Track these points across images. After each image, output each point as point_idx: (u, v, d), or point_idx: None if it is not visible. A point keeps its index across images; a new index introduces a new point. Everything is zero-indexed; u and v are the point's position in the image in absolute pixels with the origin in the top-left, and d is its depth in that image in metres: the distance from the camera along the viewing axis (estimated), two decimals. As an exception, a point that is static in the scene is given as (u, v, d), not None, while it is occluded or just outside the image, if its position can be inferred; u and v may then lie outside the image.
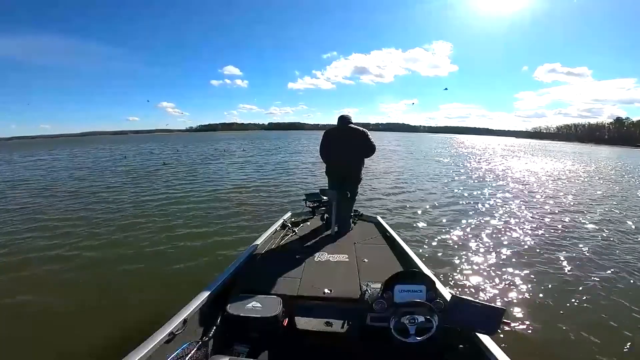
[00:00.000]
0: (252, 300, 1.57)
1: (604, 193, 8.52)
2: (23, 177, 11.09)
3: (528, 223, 5.31)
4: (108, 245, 4.24)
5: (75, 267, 3.57)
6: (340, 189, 2.81)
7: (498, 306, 1.33)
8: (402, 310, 1.38)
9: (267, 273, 1.97)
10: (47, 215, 5.73)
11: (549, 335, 2.37)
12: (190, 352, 1.26)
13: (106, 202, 6.71)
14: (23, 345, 2.31)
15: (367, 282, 1.75)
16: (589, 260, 3.79)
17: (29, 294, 3.00)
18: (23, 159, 20.28)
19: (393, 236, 2.61)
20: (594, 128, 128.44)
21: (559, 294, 2.97)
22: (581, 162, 19.78)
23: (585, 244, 4.33)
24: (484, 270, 3.43)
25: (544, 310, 2.70)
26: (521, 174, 12.26)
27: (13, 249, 4.12)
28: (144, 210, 6.03)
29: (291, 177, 10.46)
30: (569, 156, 25.12)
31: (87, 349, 2.21)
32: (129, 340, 1.28)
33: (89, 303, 2.83)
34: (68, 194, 7.68)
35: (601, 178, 11.97)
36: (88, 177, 10.79)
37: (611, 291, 3.05)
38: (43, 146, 42.92)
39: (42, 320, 2.58)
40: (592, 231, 4.99)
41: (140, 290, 3.04)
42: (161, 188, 8.40)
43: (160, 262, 3.67)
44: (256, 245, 2.40)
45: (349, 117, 2.86)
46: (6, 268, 3.56)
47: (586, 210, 6.45)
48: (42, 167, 14.78)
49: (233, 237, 4.48)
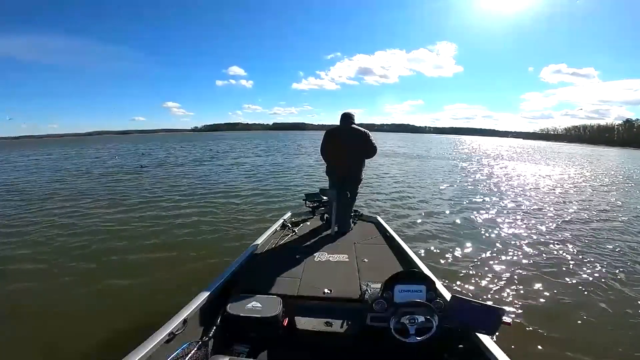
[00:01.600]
0: (252, 300, 1.57)
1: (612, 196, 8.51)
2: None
3: (528, 224, 5.32)
4: (108, 245, 4.24)
5: (75, 267, 3.57)
6: (340, 189, 2.81)
7: (498, 306, 1.33)
8: (402, 310, 1.38)
9: (267, 273, 1.97)
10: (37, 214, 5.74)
11: (549, 335, 2.37)
12: (190, 352, 1.26)
13: (112, 197, 6.73)
14: (23, 346, 2.31)
15: (367, 282, 1.75)
16: (590, 260, 3.79)
17: (28, 293, 3.00)
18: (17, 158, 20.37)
19: (393, 236, 2.61)
20: (604, 129, 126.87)
21: (559, 294, 2.97)
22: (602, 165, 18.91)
23: (586, 244, 4.33)
24: (484, 270, 3.43)
25: (544, 310, 2.70)
26: (534, 178, 11.63)
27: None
28: (143, 210, 6.03)
29: (292, 177, 10.46)
30: (586, 158, 23.71)
31: (87, 349, 2.20)
32: (129, 340, 1.28)
33: (88, 303, 2.83)
34: (65, 197, 7.69)
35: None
36: (96, 176, 10.81)
37: (611, 291, 3.05)
38: (50, 145, 43.00)
39: (42, 320, 2.58)
40: (595, 230, 5.00)
41: (140, 290, 3.04)
42: (155, 189, 8.39)
43: (160, 262, 3.67)
44: (256, 245, 2.40)
45: (352, 116, 2.84)
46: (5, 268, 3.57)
47: (593, 214, 6.46)
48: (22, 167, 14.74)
49: (233, 237, 4.48)
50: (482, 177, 11.43)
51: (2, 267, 3.59)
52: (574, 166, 17.32)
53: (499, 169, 14.33)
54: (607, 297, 2.94)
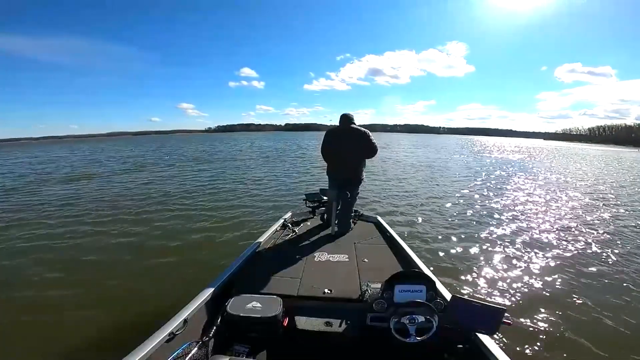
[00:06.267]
0: (252, 300, 1.57)
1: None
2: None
3: (529, 225, 5.32)
4: (108, 244, 4.25)
5: (75, 267, 3.57)
6: (340, 189, 2.81)
7: (498, 306, 1.33)
8: (402, 310, 1.38)
9: (267, 273, 1.97)
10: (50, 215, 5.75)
11: (549, 335, 2.37)
12: (190, 352, 1.26)
13: (113, 197, 6.73)
14: (23, 345, 2.31)
15: (367, 282, 1.75)
16: (590, 260, 3.79)
17: (28, 293, 3.00)
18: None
19: (393, 236, 2.61)
20: (630, 129, 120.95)
21: (559, 294, 2.97)
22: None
23: (587, 244, 4.33)
24: (484, 270, 3.43)
25: (545, 310, 2.70)
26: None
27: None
28: (141, 210, 6.03)
29: (292, 176, 10.46)
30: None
31: (87, 349, 2.21)
32: (129, 340, 1.28)
33: (88, 304, 2.83)
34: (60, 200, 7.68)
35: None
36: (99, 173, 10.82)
37: (611, 290, 3.05)
38: (62, 145, 43.00)
39: (41, 320, 2.58)
40: (602, 227, 5.00)
41: (140, 290, 3.04)
42: (162, 184, 8.41)
43: (160, 262, 3.67)
44: (256, 245, 2.40)
45: (351, 117, 2.86)
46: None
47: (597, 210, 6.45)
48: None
49: (233, 237, 4.48)
50: (497, 180, 10.97)
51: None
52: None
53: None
54: (609, 297, 2.93)
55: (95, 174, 11.62)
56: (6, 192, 8.31)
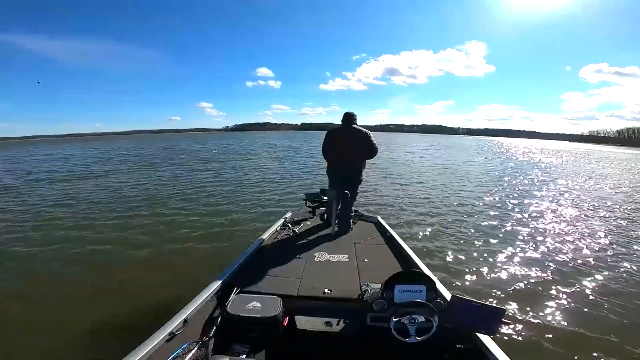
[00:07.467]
0: (252, 300, 1.57)
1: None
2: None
3: (529, 225, 5.31)
4: (108, 244, 4.24)
5: (75, 267, 3.57)
6: (340, 189, 2.81)
7: (498, 306, 1.33)
8: (402, 310, 1.38)
9: (267, 273, 1.97)
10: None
11: (549, 336, 2.37)
12: (190, 352, 1.26)
13: (111, 197, 6.73)
14: (23, 345, 2.31)
15: (367, 282, 1.75)
16: (590, 259, 3.79)
17: (27, 292, 3.00)
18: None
19: (393, 236, 2.61)
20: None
21: (559, 294, 2.97)
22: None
23: (587, 244, 4.33)
24: (484, 270, 3.43)
25: (545, 310, 2.70)
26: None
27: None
28: (140, 208, 6.03)
29: (291, 176, 10.46)
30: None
31: (87, 349, 2.21)
32: (129, 340, 1.28)
33: (88, 303, 2.83)
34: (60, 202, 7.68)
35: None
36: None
37: (611, 290, 3.05)
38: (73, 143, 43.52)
39: (41, 320, 2.58)
40: (599, 232, 4.99)
41: (140, 290, 3.04)
42: (162, 186, 8.41)
43: (160, 262, 3.67)
44: (256, 245, 2.40)
45: (353, 116, 2.86)
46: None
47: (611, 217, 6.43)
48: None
49: (233, 236, 4.48)
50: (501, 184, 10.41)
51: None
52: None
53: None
54: (609, 297, 2.93)
55: (95, 173, 11.63)
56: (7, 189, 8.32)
